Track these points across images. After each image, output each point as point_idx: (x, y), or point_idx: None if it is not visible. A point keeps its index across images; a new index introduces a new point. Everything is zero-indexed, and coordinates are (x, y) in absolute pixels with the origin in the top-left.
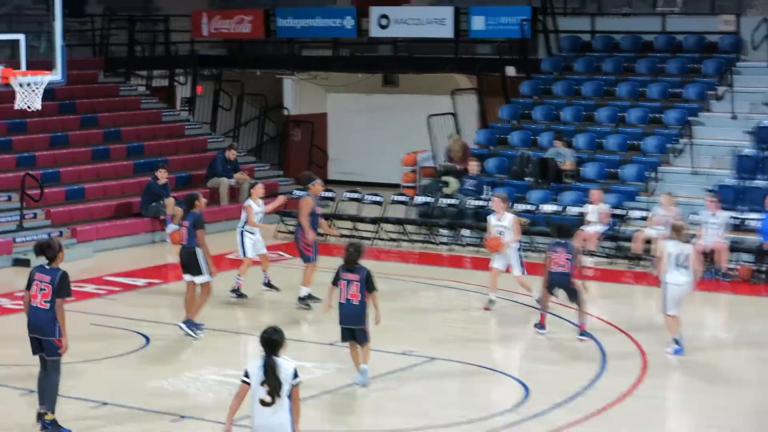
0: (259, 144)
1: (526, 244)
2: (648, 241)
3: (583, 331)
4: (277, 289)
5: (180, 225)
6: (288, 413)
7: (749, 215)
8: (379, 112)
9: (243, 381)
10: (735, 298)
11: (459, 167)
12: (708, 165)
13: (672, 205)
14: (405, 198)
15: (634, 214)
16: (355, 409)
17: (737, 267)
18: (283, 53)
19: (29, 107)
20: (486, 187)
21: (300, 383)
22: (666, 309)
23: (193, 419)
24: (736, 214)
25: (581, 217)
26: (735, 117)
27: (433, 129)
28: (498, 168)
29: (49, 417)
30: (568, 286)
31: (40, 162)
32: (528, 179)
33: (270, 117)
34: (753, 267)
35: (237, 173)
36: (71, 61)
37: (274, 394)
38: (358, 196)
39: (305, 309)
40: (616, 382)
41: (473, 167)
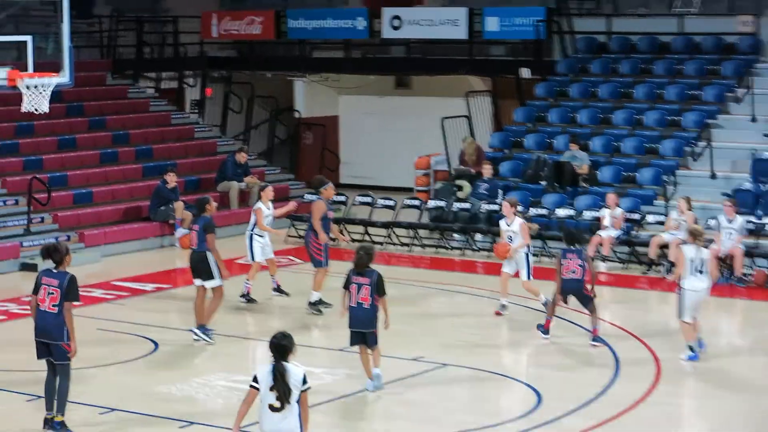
0: (270, 147)
1: (538, 249)
2: (663, 246)
3: (596, 337)
4: (287, 294)
5: (190, 229)
6: (297, 419)
7: (766, 220)
8: (392, 114)
9: (252, 386)
10: (751, 303)
11: (473, 171)
12: (727, 168)
13: (687, 210)
14: (417, 202)
15: (650, 218)
16: (365, 415)
17: (753, 272)
18: (294, 55)
19: (36, 110)
20: (500, 191)
21: (309, 389)
22: (682, 315)
23: (202, 425)
24: (752, 218)
25: (596, 222)
26: (754, 119)
27: (447, 132)
28: (512, 172)
29: (59, 419)
30: (580, 292)
31: (47, 165)
32: (543, 183)
33: (281, 120)
34: None
35: (247, 177)
36: (79, 63)
37: (283, 399)
38: (369, 200)
39: (316, 314)
40: (629, 388)
41: (487, 171)
